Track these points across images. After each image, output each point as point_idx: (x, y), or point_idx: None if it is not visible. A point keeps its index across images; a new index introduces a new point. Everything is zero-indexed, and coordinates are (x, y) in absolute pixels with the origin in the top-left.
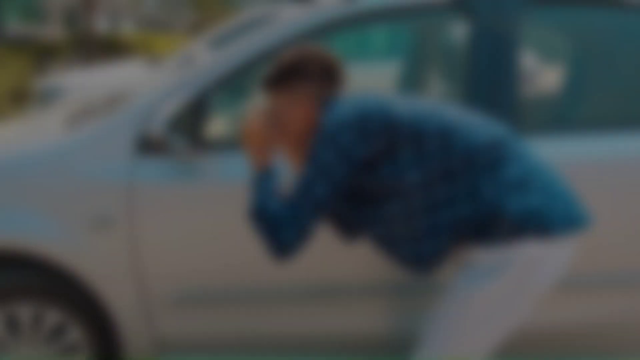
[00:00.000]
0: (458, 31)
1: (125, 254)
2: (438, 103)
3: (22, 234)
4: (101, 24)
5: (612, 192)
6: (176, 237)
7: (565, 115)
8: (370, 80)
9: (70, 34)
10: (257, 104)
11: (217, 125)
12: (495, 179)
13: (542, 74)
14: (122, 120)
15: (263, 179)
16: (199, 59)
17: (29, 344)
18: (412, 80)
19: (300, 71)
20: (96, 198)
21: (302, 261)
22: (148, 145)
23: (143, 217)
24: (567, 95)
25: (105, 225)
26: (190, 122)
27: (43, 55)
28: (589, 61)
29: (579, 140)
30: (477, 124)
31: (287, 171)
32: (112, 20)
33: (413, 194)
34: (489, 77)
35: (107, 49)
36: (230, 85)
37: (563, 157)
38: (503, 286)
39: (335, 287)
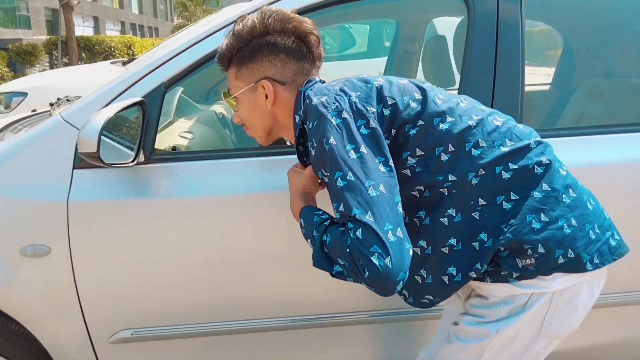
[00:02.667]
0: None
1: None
2: (450, 95)
3: None
4: (85, 29)
5: None
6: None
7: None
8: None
9: (51, 37)
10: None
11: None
12: (517, 199)
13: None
14: (57, 127)
15: (306, 222)
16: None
17: None
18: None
19: (266, 44)
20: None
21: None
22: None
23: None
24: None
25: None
26: (130, 129)
27: (22, 58)
28: None
29: None
30: (497, 122)
31: None
32: (96, 25)
33: (421, 211)
34: (490, 69)
35: (89, 52)
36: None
37: None
38: (525, 325)
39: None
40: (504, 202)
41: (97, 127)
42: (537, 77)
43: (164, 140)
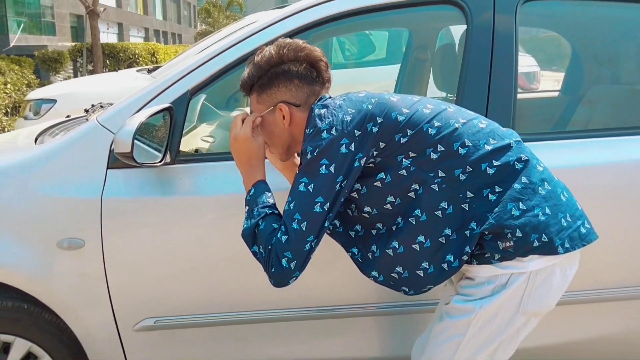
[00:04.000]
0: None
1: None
2: (436, 101)
3: None
4: (109, 35)
5: None
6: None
7: None
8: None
9: (76, 44)
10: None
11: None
12: (500, 190)
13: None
14: (93, 131)
15: (254, 197)
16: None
17: None
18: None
19: (282, 73)
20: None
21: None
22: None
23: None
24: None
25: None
26: (159, 132)
27: (47, 65)
28: None
29: None
30: (482, 124)
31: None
32: (120, 31)
33: (417, 209)
34: (485, 76)
35: (113, 59)
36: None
37: None
38: (505, 302)
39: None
40: (489, 194)
41: (132, 130)
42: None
43: (188, 143)
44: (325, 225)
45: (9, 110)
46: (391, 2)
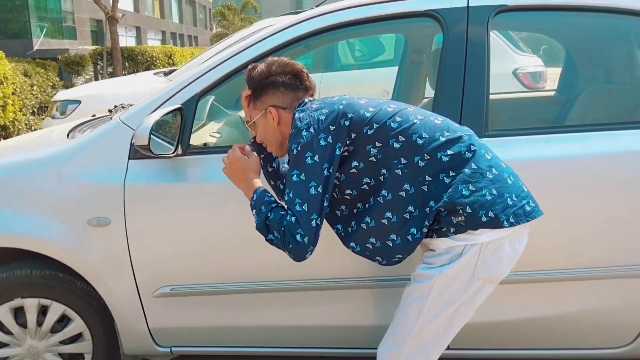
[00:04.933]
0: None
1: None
2: (397, 103)
3: (27, 233)
4: (128, 39)
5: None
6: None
7: None
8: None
9: (97, 48)
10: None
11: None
12: (454, 174)
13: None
14: (117, 128)
15: (258, 200)
16: (189, 70)
17: (35, 334)
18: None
19: (270, 83)
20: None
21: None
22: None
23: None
24: None
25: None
26: (172, 128)
27: (70, 68)
28: None
29: None
30: (437, 121)
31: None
32: (138, 35)
33: (384, 190)
34: (460, 80)
35: (132, 62)
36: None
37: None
38: (461, 269)
39: (317, 283)
40: (444, 177)
41: (149, 126)
42: None
43: (198, 138)
44: (325, 205)
45: (35, 110)
46: (376, 15)
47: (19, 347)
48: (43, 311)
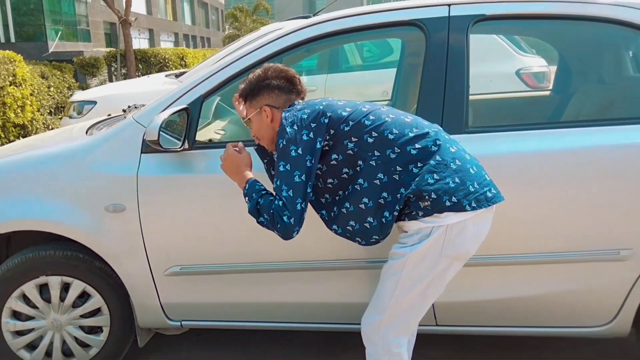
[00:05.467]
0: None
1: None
2: (373, 104)
3: (52, 218)
4: (141, 41)
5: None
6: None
7: None
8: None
9: (111, 50)
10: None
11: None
12: (421, 165)
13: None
14: (130, 125)
15: (250, 189)
16: (195, 73)
17: (58, 309)
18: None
19: (266, 85)
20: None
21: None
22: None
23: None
24: None
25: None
26: (179, 126)
27: (85, 70)
28: None
29: None
30: (407, 119)
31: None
32: (151, 37)
33: (360, 180)
34: (441, 82)
35: (145, 64)
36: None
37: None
38: (430, 248)
39: (309, 264)
40: (413, 168)
41: (158, 124)
42: None
43: (204, 134)
44: (308, 191)
45: (52, 110)
46: (367, 24)
47: (44, 320)
48: (65, 288)
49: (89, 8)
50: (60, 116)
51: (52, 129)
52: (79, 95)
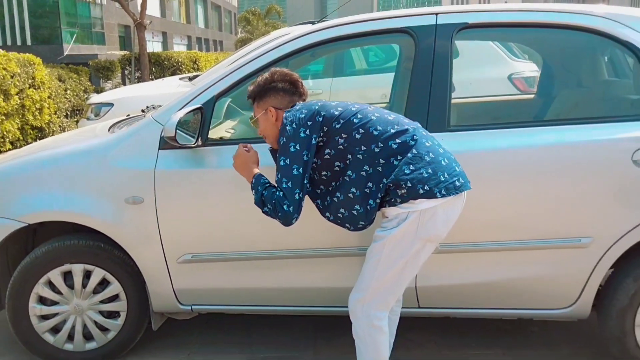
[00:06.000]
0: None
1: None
2: (362, 104)
3: (77, 209)
4: (154, 44)
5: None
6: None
7: None
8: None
9: (125, 54)
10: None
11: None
12: (401, 158)
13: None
14: (149, 124)
15: (256, 183)
16: (208, 76)
17: (80, 295)
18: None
19: (272, 87)
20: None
21: (290, 230)
22: (166, 142)
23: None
24: None
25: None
26: (194, 124)
27: (101, 73)
28: None
29: None
30: (390, 117)
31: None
32: (164, 40)
33: (349, 172)
34: (427, 85)
35: (159, 67)
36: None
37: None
38: (406, 230)
39: (309, 252)
40: (394, 161)
41: (175, 122)
42: None
43: (216, 132)
44: (305, 182)
45: (68, 113)
46: (363, 31)
47: (67, 305)
48: (87, 275)
49: (104, 11)
50: (76, 119)
51: (67, 131)
52: (97, 98)
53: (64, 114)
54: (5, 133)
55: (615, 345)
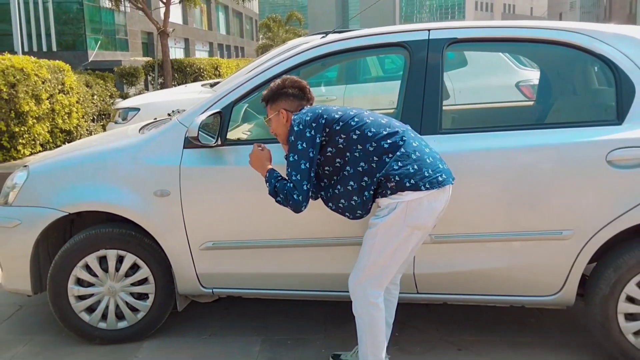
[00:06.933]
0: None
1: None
2: (359, 109)
3: (112, 201)
4: (176, 50)
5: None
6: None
7: None
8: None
9: (149, 60)
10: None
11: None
12: (391, 156)
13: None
14: (175, 126)
15: (269, 176)
16: (227, 84)
17: (113, 278)
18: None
19: (283, 93)
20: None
21: (299, 221)
22: (190, 142)
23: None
24: None
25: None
26: (214, 126)
27: (125, 80)
28: None
29: None
30: (383, 121)
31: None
32: (186, 46)
33: (348, 167)
34: (421, 93)
35: (181, 73)
36: (242, 101)
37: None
38: (395, 218)
39: (318, 240)
40: (386, 158)
41: (197, 124)
42: None
43: (234, 134)
44: (312, 175)
45: (94, 117)
46: (363, 45)
47: (102, 287)
48: (120, 260)
49: (127, 17)
50: (102, 123)
51: (93, 134)
52: (124, 103)
53: (91, 118)
54: (36, 136)
55: (599, 331)
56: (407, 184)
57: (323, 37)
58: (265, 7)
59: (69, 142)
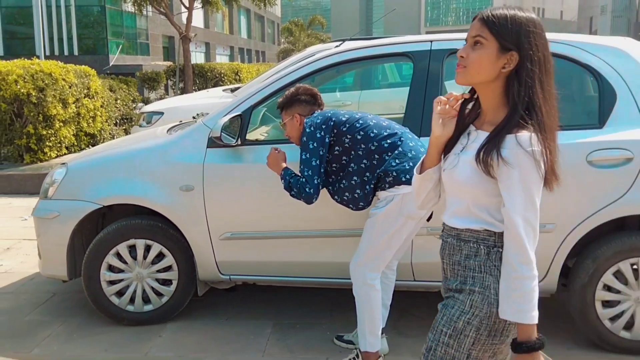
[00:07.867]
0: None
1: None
2: (364, 113)
3: (142, 195)
4: (197, 54)
5: None
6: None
7: None
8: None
9: (170, 65)
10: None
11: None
12: (390, 154)
13: None
14: (200, 127)
15: (284, 174)
16: (247, 89)
17: (141, 265)
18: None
19: (297, 99)
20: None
21: (308, 214)
22: (213, 142)
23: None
24: None
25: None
26: (234, 128)
27: (147, 84)
28: None
29: None
30: (384, 123)
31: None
32: (207, 50)
33: (352, 164)
34: (422, 98)
35: (202, 78)
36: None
37: None
38: (392, 209)
39: (328, 232)
40: (385, 156)
41: (220, 126)
42: None
43: (252, 135)
44: (322, 171)
45: (117, 121)
46: (374, 54)
47: (130, 273)
48: (147, 249)
49: (149, 21)
50: (124, 127)
51: (116, 138)
52: (149, 107)
53: (114, 122)
54: (62, 138)
55: (579, 317)
56: (403, 179)
57: (338, 45)
58: (287, 10)
59: (92, 146)
